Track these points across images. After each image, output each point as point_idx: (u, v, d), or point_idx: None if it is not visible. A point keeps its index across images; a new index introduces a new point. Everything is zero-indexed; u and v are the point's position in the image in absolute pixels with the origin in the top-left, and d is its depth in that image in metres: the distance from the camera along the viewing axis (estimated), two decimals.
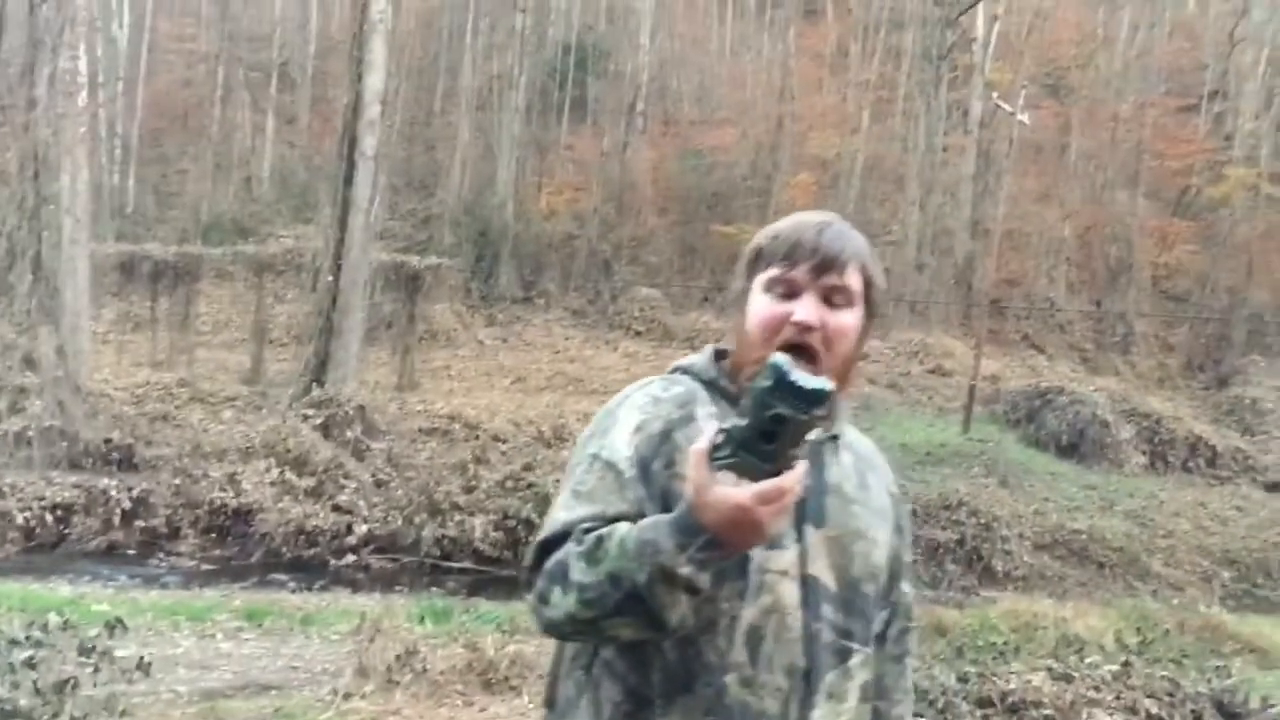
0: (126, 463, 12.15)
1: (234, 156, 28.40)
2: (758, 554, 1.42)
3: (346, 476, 12.05)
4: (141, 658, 4.62)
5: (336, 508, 11.48)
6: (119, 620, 4.63)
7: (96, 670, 4.18)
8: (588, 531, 1.39)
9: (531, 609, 1.45)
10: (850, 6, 31.67)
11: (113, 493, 11.04)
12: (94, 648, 4.32)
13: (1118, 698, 4.82)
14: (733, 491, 1.25)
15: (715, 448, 1.26)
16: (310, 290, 17.10)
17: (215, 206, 25.71)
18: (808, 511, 1.47)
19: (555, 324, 23.11)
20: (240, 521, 11.08)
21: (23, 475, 11.10)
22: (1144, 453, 18.30)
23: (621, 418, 1.53)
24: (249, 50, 30.54)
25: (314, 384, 13.92)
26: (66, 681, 4.02)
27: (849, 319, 1.53)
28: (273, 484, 11.49)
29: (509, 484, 12.09)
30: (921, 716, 4.41)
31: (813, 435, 1.28)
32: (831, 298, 1.51)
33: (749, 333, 1.52)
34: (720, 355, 1.60)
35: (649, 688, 1.44)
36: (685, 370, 1.59)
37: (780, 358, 1.24)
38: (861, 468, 1.59)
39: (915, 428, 17.95)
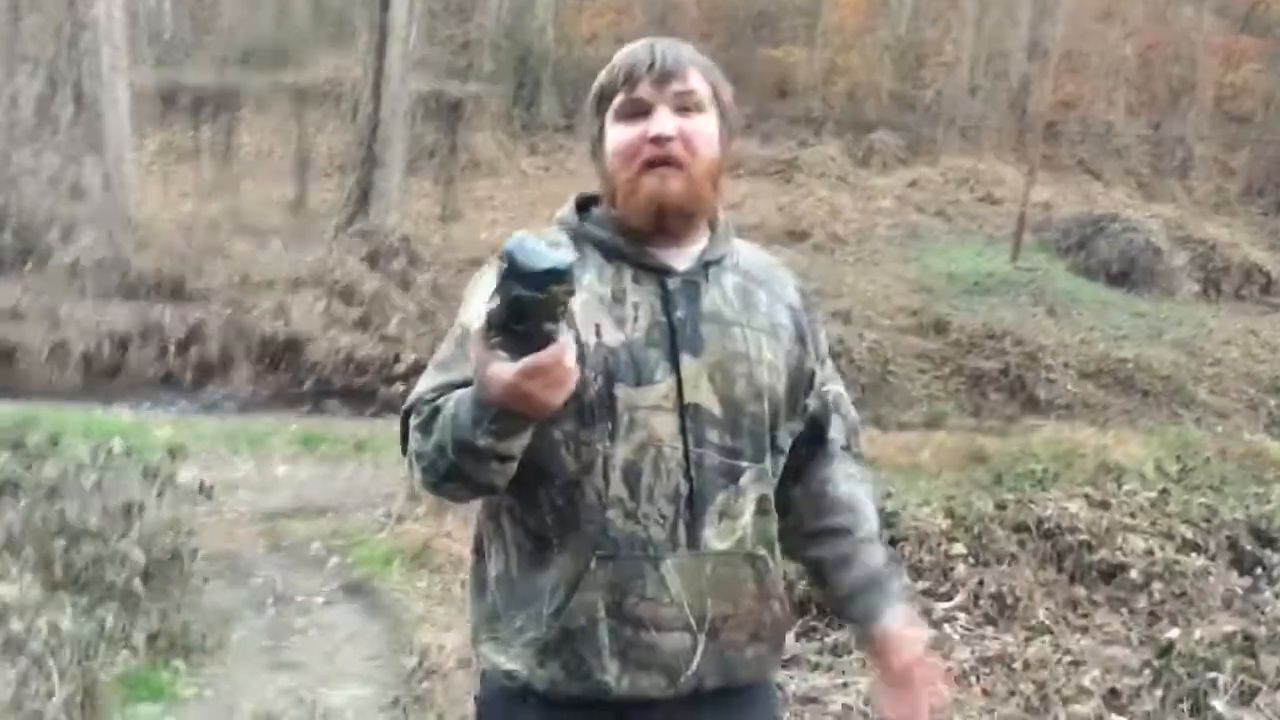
0: (178, 293, 12.33)
1: None
2: (624, 392, 1.48)
3: (393, 307, 12.19)
4: (203, 481, 4.82)
5: (384, 337, 11.65)
6: (180, 446, 4.80)
7: (160, 494, 4.36)
8: (430, 400, 1.46)
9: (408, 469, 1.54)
10: None
11: (166, 322, 11.26)
12: (158, 472, 4.50)
13: (1153, 524, 4.89)
14: (502, 369, 1.29)
15: (485, 327, 1.31)
16: (351, 120, 16.93)
17: (252, 32, 25.26)
18: (683, 342, 1.52)
19: None
20: (291, 350, 11.30)
21: (78, 305, 11.34)
22: (1197, 280, 18.01)
23: (478, 284, 1.56)
24: None
25: (358, 215, 13.94)
26: (133, 504, 4.21)
27: (705, 123, 1.54)
28: (321, 314, 11.66)
29: None
30: (956, 540, 4.52)
31: (568, 305, 1.32)
32: (683, 105, 1.52)
33: (611, 165, 1.55)
34: (588, 202, 1.64)
35: (545, 529, 1.52)
36: (557, 222, 1.62)
37: (512, 241, 1.28)
38: (748, 287, 1.61)
39: (963, 256, 17.74)
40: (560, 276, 1.25)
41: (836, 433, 1.71)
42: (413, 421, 1.48)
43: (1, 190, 12.67)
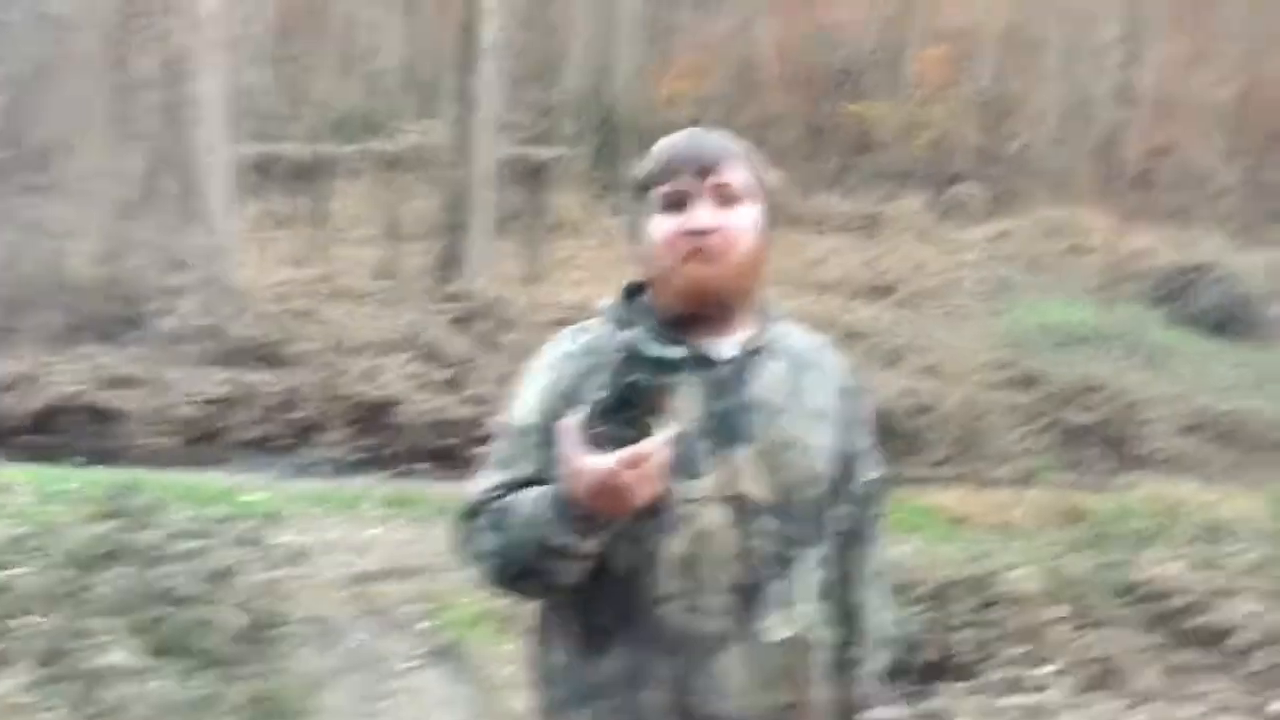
0: (274, 358, 12.62)
1: (357, 52, 28.62)
2: (674, 486, 1.48)
3: (480, 368, 12.33)
4: (297, 545, 4.90)
5: (472, 399, 11.77)
6: (275, 510, 4.90)
7: (256, 558, 4.45)
8: (496, 499, 1.50)
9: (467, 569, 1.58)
10: None
11: (262, 387, 11.53)
12: (253, 536, 4.60)
13: (1262, 585, 4.71)
14: (598, 460, 1.31)
15: (585, 419, 1.35)
16: (438, 185, 17.32)
17: (343, 103, 26.08)
18: (730, 432, 1.53)
19: None
20: (382, 413, 11.46)
21: (178, 371, 11.67)
22: None
23: (533, 379, 1.61)
24: None
25: (446, 278, 14.20)
26: (229, 568, 4.31)
27: (744, 216, 1.56)
28: (411, 376, 11.83)
29: None
30: (1053, 603, 4.40)
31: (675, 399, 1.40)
32: (722, 196, 1.54)
33: (654, 257, 1.58)
34: (636, 289, 1.65)
35: (606, 621, 1.53)
36: (606, 310, 1.65)
37: (628, 334, 1.32)
38: (795, 372, 1.62)
39: (1053, 308, 17.41)
40: (676, 368, 1.30)
41: (862, 520, 1.71)
42: (481, 521, 1.51)
43: (108, 262, 13.16)
